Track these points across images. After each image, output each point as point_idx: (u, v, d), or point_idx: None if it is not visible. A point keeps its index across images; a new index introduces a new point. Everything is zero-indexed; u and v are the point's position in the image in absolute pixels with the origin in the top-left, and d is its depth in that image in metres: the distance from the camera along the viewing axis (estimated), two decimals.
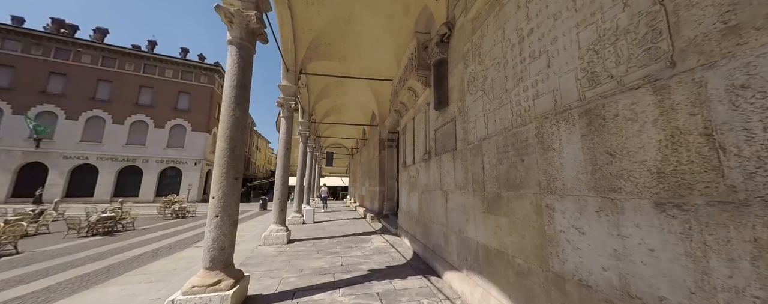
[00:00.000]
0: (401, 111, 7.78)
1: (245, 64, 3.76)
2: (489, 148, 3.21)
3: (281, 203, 7.13)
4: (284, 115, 7.41)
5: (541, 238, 2.30)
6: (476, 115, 3.57)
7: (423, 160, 5.80)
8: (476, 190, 3.47)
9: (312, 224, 10.48)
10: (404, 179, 7.58)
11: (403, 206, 7.62)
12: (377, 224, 10.41)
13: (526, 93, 2.58)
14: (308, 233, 8.65)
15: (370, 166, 13.96)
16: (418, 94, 6.20)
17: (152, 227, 11.81)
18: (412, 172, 6.77)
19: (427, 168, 5.51)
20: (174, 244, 8.28)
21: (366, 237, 7.81)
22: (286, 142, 7.35)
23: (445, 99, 4.58)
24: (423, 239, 5.64)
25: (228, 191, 3.45)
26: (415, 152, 6.58)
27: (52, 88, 22.25)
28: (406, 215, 7.13)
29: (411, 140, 6.95)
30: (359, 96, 12.32)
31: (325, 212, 15.18)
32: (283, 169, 7.23)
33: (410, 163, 6.92)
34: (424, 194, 5.71)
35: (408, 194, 7.08)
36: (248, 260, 5.42)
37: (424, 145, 5.79)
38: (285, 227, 7.10)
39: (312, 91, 10.87)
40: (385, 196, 11.27)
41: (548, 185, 2.26)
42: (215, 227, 3.34)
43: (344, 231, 8.87)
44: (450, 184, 4.34)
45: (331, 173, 32.53)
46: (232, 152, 3.55)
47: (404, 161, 7.55)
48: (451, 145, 4.34)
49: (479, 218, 3.37)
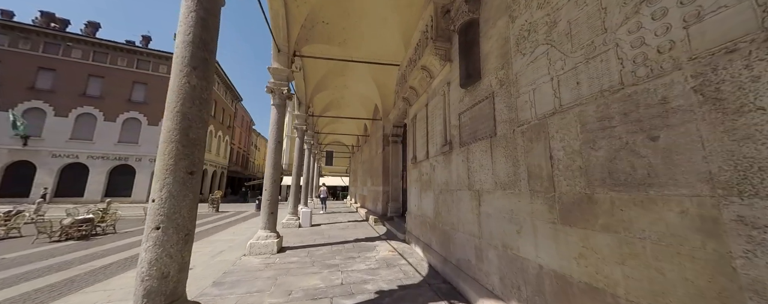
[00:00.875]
0: (410, 99, 6.67)
1: (206, 14, 2.64)
2: (564, 126, 2.10)
3: (271, 204, 6.01)
4: (275, 102, 6.30)
5: (719, 278, 1.20)
6: (534, 82, 2.45)
7: (441, 153, 4.69)
8: (536, 189, 2.36)
9: (309, 227, 9.35)
10: (414, 177, 6.47)
11: (412, 209, 6.51)
12: (381, 227, 9.28)
13: (660, 22, 1.48)
14: (304, 238, 7.53)
15: (372, 164, 12.83)
16: (434, 75, 5.08)
17: (136, 230, 10.68)
18: (424, 168, 5.66)
19: (447, 163, 4.40)
20: None
21: (370, 244, 6.69)
22: (277, 134, 6.23)
23: (476, 71, 3.47)
24: (441, 250, 4.53)
25: (176, 190, 2.32)
26: (428, 144, 5.47)
27: (41, 84, 21.05)
28: (417, 219, 6.02)
29: (423, 132, 5.84)
30: (361, 88, 11.20)
31: (324, 213, 14.05)
32: (274, 165, 6.11)
33: (422, 158, 5.82)
34: (442, 194, 4.60)
35: (419, 195, 5.97)
36: (225, 278, 4.29)
37: (442, 135, 4.68)
38: (275, 233, 5.98)
39: (309, 82, 9.76)
40: (390, 196, 10.15)
41: (742, 179, 1.15)
42: (154, 245, 2.21)
43: (345, 236, 7.75)
44: (485, 182, 3.22)
45: (331, 173, 31.38)
46: (186, 134, 2.43)
47: (414, 156, 6.44)
48: (487, 130, 3.22)
49: (544, 230, 2.25)
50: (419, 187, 5.97)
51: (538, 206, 2.34)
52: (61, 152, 21.06)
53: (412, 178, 6.68)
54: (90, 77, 22.15)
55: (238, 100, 33.88)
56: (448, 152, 4.35)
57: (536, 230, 2.34)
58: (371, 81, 10.13)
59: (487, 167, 3.19)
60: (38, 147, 20.56)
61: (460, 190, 3.91)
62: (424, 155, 5.70)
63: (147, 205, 15.93)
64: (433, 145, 5.22)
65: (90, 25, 23.41)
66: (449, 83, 4.46)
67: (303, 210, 9.52)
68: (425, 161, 5.60)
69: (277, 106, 6.34)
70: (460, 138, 3.95)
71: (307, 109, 10.06)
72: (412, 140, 6.71)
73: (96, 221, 9.93)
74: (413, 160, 6.41)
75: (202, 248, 7.34)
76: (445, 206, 4.46)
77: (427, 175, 5.46)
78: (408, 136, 7.22)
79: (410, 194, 6.79)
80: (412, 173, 6.60)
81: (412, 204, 6.51)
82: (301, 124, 9.75)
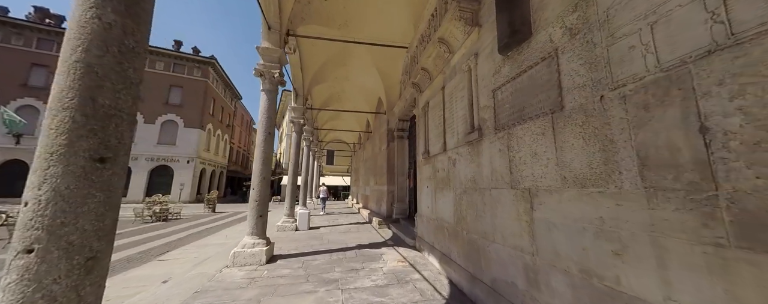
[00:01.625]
0: (421, 84, 5.71)
1: None
2: (742, 70, 1.14)
3: (259, 206, 5.05)
4: (265, 88, 5.35)
5: None
6: (655, 11, 1.47)
7: (465, 143, 3.72)
8: (663, 186, 1.39)
9: (306, 230, 8.40)
10: (426, 175, 5.50)
11: (424, 211, 5.55)
12: (386, 230, 8.32)
13: None
14: (300, 244, 6.57)
15: (376, 162, 11.87)
16: (454, 48, 4.12)
17: (122, 233, 9.74)
18: (440, 164, 4.70)
19: (475, 154, 3.43)
20: (129, 257, 6.24)
21: (375, 252, 5.72)
22: (268, 124, 5.28)
23: (524, 26, 2.51)
24: (467, 264, 3.56)
25: (70, 188, 1.36)
26: (446, 134, 4.50)
27: (34, 81, 20.22)
28: (431, 224, 5.05)
29: (438, 121, 4.88)
30: (363, 80, 10.24)
31: (324, 215, 13.09)
32: (263, 160, 5.15)
33: (437, 151, 4.85)
34: (467, 194, 3.63)
35: (433, 195, 5.01)
36: (194, 301, 3.33)
37: (465, 122, 3.72)
38: (264, 240, 5.02)
39: (307, 72, 8.82)
40: (395, 197, 9.18)
41: None
42: (20, 280, 1.27)
43: (346, 242, 6.79)
44: (542, 176, 2.26)
45: (332, 172, 30.42)
46: (90, 98, 1.48)
47: (425, 150, 5.47)
48: (544, 104, 2.26)
49: (690, 256, 1.27)
50: (433, 185, 5.01)
51: (669, 215, 1.37)
52: None
53: (423, 175, 5.72)
54: None
55: (238, 99, 32.99)
56: (476, 141, 3.39)
57: (666, 253, 1.38)
58: (375, 71, 9.18)
59: (547, 156, 2.22)
60: (31, 146, 19.69)
61: (496, 188, 2.95)
62: (439, 147, 4.73)
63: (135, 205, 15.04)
64: (452, 135, 4.26)
65: None
66: (477, 55, 3.49)
67: (300, 212, 8.58)
68: (441, 155, 4.64)
69: (268, 93, 5.38)
70: (496, 121, 2.99)
71: (305, 102, 9.11)
72: (423, 132, 5.74)
73: None
74: (425, 154, 5.45)
75: (187, 254, 6.42)
76: (471, 209, 3.49)
77: (445, 171, 4.49)
78: (418, 128, 6.26)
79: (421, 193, 5.83)
80: (424, 169, 5.64)
81: (424, 206, 5.55)
82: (298, 118, 8.80)
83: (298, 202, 11.51)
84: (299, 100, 8.91)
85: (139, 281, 4.47)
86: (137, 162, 21.77)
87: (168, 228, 10.83)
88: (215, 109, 26.79)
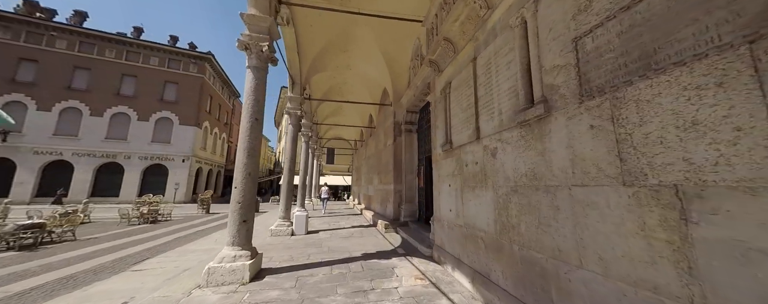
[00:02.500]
0: (440, 62, 4.66)
1: None
2: None
3: (243, 209, 3.98)
4: (251, 64, 4.29)
5: None
6: None
7: (516, 125, 2.68)
8: None
9: (304, 234, 7.34)
10: (447, 170, 4.46)
11: (444, 214, 4.50)
12: (394, 235, 7.27)
13: None
14: (295, 252, 5.51)
15: (380, 159, 10.81)
16: (495, 1, 3.08)
17: (102, 237, 8.69)
18: (470, 155, 3.65)
19: (535, 137, 2.39)
20: (101, 267, 5.24)
21: (384, 264, 4.67)
22: (254, 108, 4.21)
23: None
24: (522, 292, 2.49)
25: None
26: (480, 117, 3.45)
27: (22, 76, 19.09)
28: (456, 231, 4.00)
29: (465, 102, 3.84)
30: (367, 69, 9.19)
31: (324, 215, 12.02)
32: (248, 151, 4.10)
33: (465, 140, 3.81)
34: (518, 194, 2.58)
35: (458, 195, 3.96)
36: None
37: (516, 95, 2.67)
38: (249, 251, 3.95)
39: (304, 57, 7.77)
40: (403, 197, 8.13)
41: None
42: None
43: (349, 249, 5.73)
44: (721, 164, 1.21)
45: (332, 171, 29.31)
46: None
47: (446, 141, 4.43)
48: (727, 27, 1.22)
49: None
50: (459, 183, 3.96)
51: None
52: (44, 149, 19.10)
53: (442, 171, 4.67)
54: (75, 69, 20.19)
55: (236, 97, 31.89)
56: (540, 119, 2.34)
57: None
58: (380, 57, 8.14)
59: (732, 124, 1.19)
60: (18, 143, 18.59)
61: (583, 186, 1.90)
62: (469, 135, 3.69)
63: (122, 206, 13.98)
64: (489, 117, 3.21)
65: (77, 14, 21.48)
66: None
67: (297, 214, 7.52)
68: (472, 145, 3.60)
69: (255, 70, 4.32)
70: (582, 85, 1.95)
71: (302, 92, 8.06)
72: (442, 120, 4.70)
73: (49, 227, 7.97)
74: (446, 146, 4.40)
75: (166, 264, 5.38)
76: (529, 214, 2.45)
77: (478, 164, 3.45)
78: (434, 116, 5.21)
79: (439, 193, 4.78)
80: (443, 164, 4.59)
81: (444, 208, 4.50)
82: (295, 109, 7.75)
83: (296, 202, 10.46)
84: (296, 89, 7.86)
85: (99, 300, 3.49)
86: (130, 161, 20.68)
87: (155, 231, 9.77)
88: (212, 106, 25.68)
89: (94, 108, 20.20)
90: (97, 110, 20.24)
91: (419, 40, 7.03)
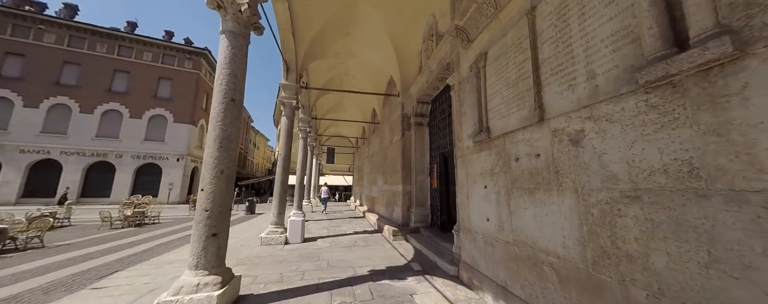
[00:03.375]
0: (470, 29, 3.58)
1: None
2: None
3: (211, 219, 2.89)
4: (226, 28, 3.20)
5: None
6: None
7: (631, 91, 1.59)
8: None
9: (300, 242, 6.25)
10: (481, 167, 3.38)
11: (477, 224, 3.42)
12: (404, 244, 6.18)
13: None
14: (286, 268, 4.41)
15: (385, 157, 9.72)
16: None
17: (76, 243, 7.61)
18: (524, 146, 2.56)
19: (703, 103, 1.28)
20: (55, 283, 4.19)
21: (400, 288, 3.58)
22: (230, 85, 3.12)
23: None
24: None
25: None
26: (543, 90, 2.35)
27: (8, 71, 17.98)
28: (498, 249, 2.92)
29: (514, 74, 2.75)
30: (371, 56, 8.11)
31: (323, 217, 10.91)
32: (220, 143, 3.02)
33: (512, 127, 2.72)
34: (649, 204, 1.47)
35: (501, 200, 2.88)
36: None
37: (642, 37, 1.59)
38: (219, 276, 2.85)
39: (301, 39, 6.69)
40: (413, 199, 7.04)
41: None
42: None
43: (353, 264, 4.63)
44: None
45: (332, 171, 28.17)
46: None
47: (480, 129, 3.36)
48: None
49: None
50: (503, 184, 2.88)
51: None
52: (31, 147, 17.99)
53: (472, 169, 3.59)
54: (65, 64, 19.10)
55: None
56: (714, 68, 1.28)
57: None
58: (387, 41, 7.06)
59: None
60: (4, 141, 17.50)
61: None
62: (521, 117, 2.61)
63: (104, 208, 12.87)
64: (568, 85, 2.13)
65: (67, 8, 20.37)
66: None
67: (292, 219, 6.42)
68: (529, 130, 2.52)
69: (231, 36, 3.23)
70: None
71: (298, 79, 6.97)
72: (472, 103, 3.62)
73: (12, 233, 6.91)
74: (479, 136, 3.32)
75: (134, 280, 4.36)
76: (675, 241, 1.37)
77: (541, 157, 2.37)
78: (457, 102, 4.13)
79: (469, 197, 3.70)
80: (474, 160, 3.51)
81: (478, 217, 3.41)
82: (290, 98, 6.66)
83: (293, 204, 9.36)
84: (291, 76, 6.77)
85: None
86: (122, 160, 19.57)
87: (137, 236, 8.69)
88: (208, 104, 24.57)
89: (84, 105, 19.11)
90: (87, 107, 19.14)
91: (434, 16, 5.96)
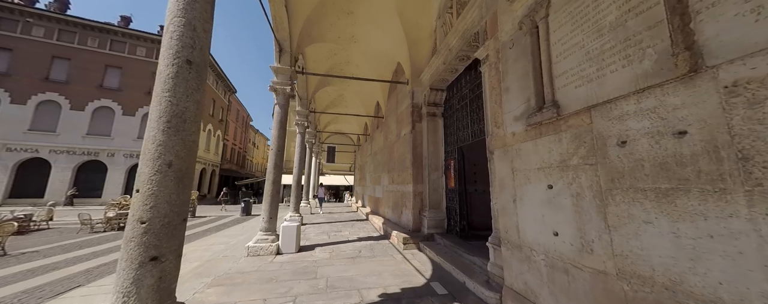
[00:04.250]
0: None
1: None
2: None
3: (149, 235, 1.89)
4: None
5: None
6: None
7: None
8: None
9: (294, 253, 5.23)
10: (539, 160, 2.36)
11: (537, 239, 2.41)
12: (418, 255, 5.16)
13: None
14: (272, 291, 3.36)
15: (392, 153, 8.69)
16: None
17: (44, 250, 6.63)
18: (637, 120, 1.51)
19: None
20: (2, 302, 3.19)
21: None
22: (184, 40, 2.15)
23: None
24: None
25: None
26: (700, 26, 1.38)
27: None
28: (583, 282, 1.88)
29: (616, 12, 1.76)
30: (377, 38, 7.10)
31: (322, 220, 9.88)
32: (168, 122, 2.03)
33: (612, 95, 1.69)
34: None
35: (591, 208, 1.85)
36: None
37: None
38: None
39: (296, 15, 5.67)
40: (425, 201, 6.02)
41: None
42: None
43: (358, 284, 3.61)
44: None
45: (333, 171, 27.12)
46: None
47: (542, 104, 2.36)
48: None
49: None
50: (592, 184, 1.86)
51: None
52: (18, 145, 16.97)
53: (520, 163, 2.57)
54: (54, 59, 18.08)
55: (232, 92, 29.74)
56: None
57: None
58: (395, 20, 6.05)
59: None
60: None
61: None
62: (641, 73, 1.58)
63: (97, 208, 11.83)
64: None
65: (58, 1, 19.37)
66: None
67: (286, 224, 5.40)
68: (652, 92, 1.49)
69: None
70: None
71: (293, 62, 5.96)
72: (528, 70, 2.61)
73: None
74: (539, 114, 2.31)
75: (92, 300, 3.37)
76: None
77: (685, 140, 1.35)
78: (495, 76, 3.11)
79: (518, 200, 2.68)
80: (528, 149, 2.49)
81: (537, 229, 2.40)
82: (283, 84, 5.64)
83: (290, 206, 8.35)
84: (285, 59, 5.75)
85: None
86: (114, 159, 18.56)
87: (117, 241, 7.72)
88: (206, 102, 23.57)
89: (75, 101, 18.08)
90: (77, 104, 18.12)
91: None
